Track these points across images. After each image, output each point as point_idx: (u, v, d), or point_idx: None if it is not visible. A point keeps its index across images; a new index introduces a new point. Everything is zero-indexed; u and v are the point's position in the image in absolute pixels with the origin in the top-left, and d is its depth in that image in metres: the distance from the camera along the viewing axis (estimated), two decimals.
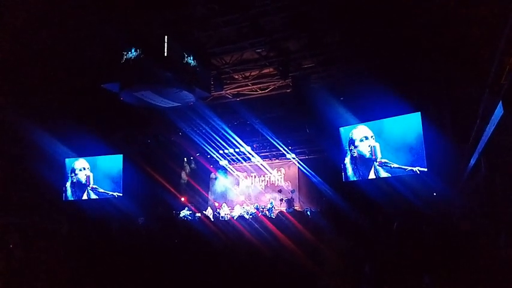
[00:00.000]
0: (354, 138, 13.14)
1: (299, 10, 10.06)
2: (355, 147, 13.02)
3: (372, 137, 12.81)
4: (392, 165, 12.33)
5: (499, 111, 5.24)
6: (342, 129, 13.37)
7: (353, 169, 13.11)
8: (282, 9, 10.04)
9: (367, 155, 12.77)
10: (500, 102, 5.17)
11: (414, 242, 5.43)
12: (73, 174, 16.58)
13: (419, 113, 11.88)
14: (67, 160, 16.67)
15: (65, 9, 9.42)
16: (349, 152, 13.18)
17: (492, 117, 5.59)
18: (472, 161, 8.13)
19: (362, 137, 12.97)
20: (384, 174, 12.47)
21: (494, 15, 6.77)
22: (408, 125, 12.26)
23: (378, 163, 12.58)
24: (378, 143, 12.71)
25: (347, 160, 13.22)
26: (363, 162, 12.90)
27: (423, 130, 11.81)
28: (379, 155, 12.59)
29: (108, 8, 9.59)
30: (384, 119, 12.84)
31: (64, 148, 15.66)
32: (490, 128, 5.88)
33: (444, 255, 4.62)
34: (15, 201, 13.15)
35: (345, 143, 13.28)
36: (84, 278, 6.08)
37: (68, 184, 16.62)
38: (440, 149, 10.86)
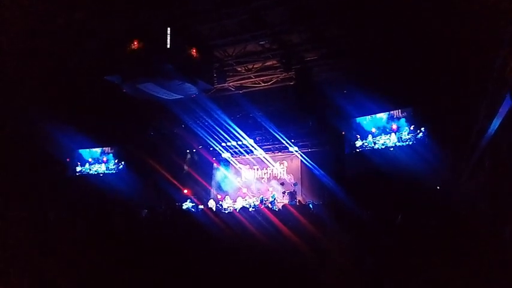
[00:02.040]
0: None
1: (301, 3, 9.99)
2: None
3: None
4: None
5: (507, 103, 5.19)
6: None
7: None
8: (283, 2, 9.97)
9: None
10: (508, 94, 5.11)
11: (417, 236, 5.43)
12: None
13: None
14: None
15: (68, 2, 9.38)
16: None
17: (499, 110, 5.54)
18: (476, 156, 8.10)
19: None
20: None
21: (497, 10, 6.70)
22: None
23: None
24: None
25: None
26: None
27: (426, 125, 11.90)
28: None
29: (111, 1, 9.54)
30: (386, 113, 12.88)
31: (66, 139, 15.73)
32: (497, 121, 5.84)
33: (448, 249, 4.62)
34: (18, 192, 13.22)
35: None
36: (87, 271, 6.11)
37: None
38: (444, 143, 10.86)
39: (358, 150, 13.44)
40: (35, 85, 12.43)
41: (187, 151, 17.37)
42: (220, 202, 15.99)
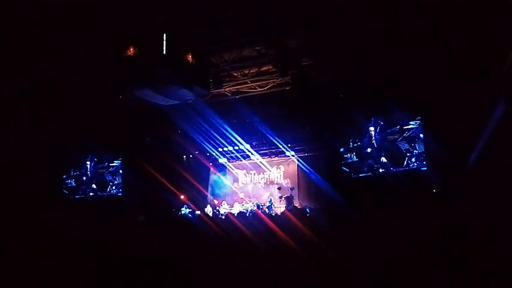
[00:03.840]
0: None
1: (298, 7, 10.02)
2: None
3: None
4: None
5: (501, 106, 5.24)
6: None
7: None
8: (280, 6, 9.99)
9: None
10: (502, 99, 5.17)
11: (416, 238, 5.43)
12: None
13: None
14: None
15: (64, 9, 9.36)
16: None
17: (495, 113, 5.59)
18: (473, 159, 8.14)
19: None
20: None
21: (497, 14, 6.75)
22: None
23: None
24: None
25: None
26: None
27: (422, 129, 11.89)
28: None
29: (107, 6, 9.54)
30: (381, 117, 12.91)
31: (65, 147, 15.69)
32: (492, 125, 5.89)
33: (448, 251, 4.63)
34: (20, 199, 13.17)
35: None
36: (85, 275, 6.08)
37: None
38: (440, 146, 10.88)
39: (354, 154, 13.44)
40: (31, 94, 12.40)
41: (184, 156, 17.33)
42: (217, 207, 15.94)
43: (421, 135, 11.98)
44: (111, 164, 16.73)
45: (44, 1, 9.08)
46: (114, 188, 16.43)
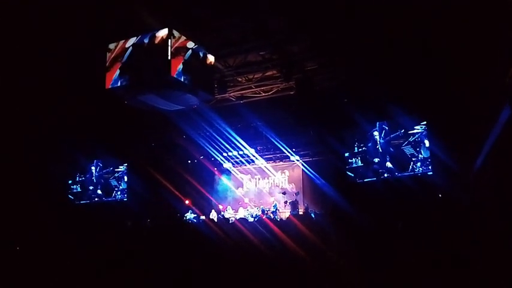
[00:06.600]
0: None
1: (302, 12, 10.04)
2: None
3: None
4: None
5: (505, 112, 5.23)
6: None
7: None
8: (284, 11, 10.03)
9: None
10: (508, 103, 5.16)
11: (421, 242, 5.41)
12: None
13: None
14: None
15: (67, 13, 9.43)
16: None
17: (500, 117, 5.58)
18: (479, 162, 8.11)
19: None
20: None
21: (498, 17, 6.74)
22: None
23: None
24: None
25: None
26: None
27: (428, 133, 11.85)
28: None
29: (111, 11, 9.60)
30: (386, 121, 12.88)
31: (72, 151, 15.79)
32: (497, 128, 5.87)
33: (454, 254, 4.61)
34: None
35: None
36: (89, 280, 6.09)
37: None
38: (446, 151, 10.85)
39: (359, 159, 13.42)
40: (35, 97, 12.47)
41: (189, 161, 17.31)
42: (222, 212, 15.93)
43: (426, 140, 11.94)
44: (116, 169, 16.78)
45: (44, 1, 9.12)
46: (119, 193, 16.47)
